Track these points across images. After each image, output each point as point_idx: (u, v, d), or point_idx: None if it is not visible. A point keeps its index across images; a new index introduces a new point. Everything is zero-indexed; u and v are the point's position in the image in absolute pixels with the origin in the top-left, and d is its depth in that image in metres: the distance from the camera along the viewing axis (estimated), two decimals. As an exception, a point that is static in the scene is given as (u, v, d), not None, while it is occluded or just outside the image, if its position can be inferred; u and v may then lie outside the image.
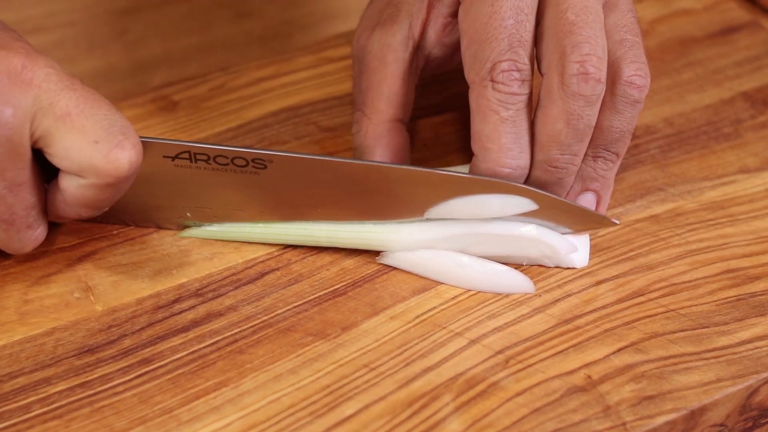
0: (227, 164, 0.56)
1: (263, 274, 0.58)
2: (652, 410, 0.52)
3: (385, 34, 0.61)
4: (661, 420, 0.52)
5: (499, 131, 0.56)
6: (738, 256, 0.60)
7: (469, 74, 0.56)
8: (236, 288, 0.57)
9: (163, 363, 0.53)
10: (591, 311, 0.57)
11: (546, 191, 0.57)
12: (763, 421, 0.56)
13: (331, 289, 0.57)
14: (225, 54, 0.81)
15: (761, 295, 0.58)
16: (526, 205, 0.56)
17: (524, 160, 0.56)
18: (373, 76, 0.61)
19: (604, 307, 0.57)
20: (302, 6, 0.84)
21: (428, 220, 0.57)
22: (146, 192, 0.57)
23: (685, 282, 0.58)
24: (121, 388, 0.52)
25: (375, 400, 0.52)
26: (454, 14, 0.61)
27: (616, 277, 0.59)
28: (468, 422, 0.51)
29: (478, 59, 0.56)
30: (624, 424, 0.52)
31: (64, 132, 0.50)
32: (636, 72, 0.57)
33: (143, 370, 0.53)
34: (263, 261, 0.58)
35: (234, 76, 0.69)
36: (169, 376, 0.52)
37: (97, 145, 0.50)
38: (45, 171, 0.53)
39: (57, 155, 0.51)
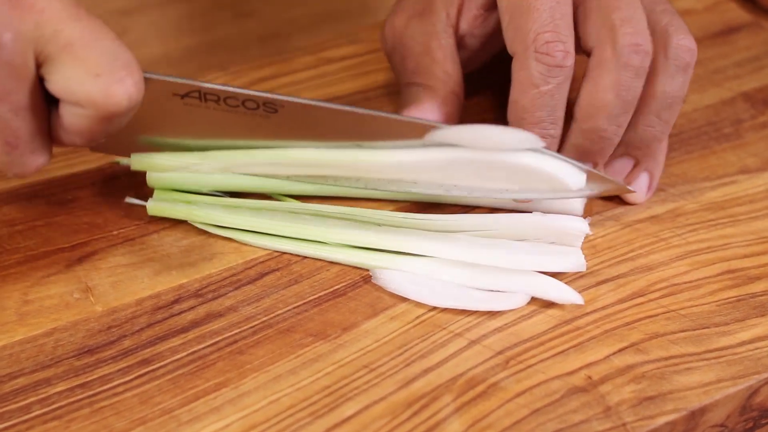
0: (237, 106, 0.56)
1: (263, 275, 0.58)
2: (653, 411, 0.52)
3: (425, 23, 0.63)
4: (661, 420, 0.52)
5: (536, 105, 0.57)
6: (738, 257, 0.60)
7: (513, 45, 0.58)
8: (236, 288, 0.57)
9: (163, 363, 0.53)
10: (591, 311, 0.57)
11: (585, 160, 0.59)
12: (763, 422, 0.56)
13: (331, 289, 0.57)
14: (225, 54, 0.81)
15: (762, 295, 0.58)
16: (534, 141, 0.56)
17: (556, 132, 0.58)
18: (422, 59, 0.62)
19: (604, 307, 0.57)
20: (302, 6, 0.84)
21: (426, 146, 0.57)
22: (151, 126, 0.57)
23: (685, 282, 0.58)
24: (121, 389, 0.52)
25: (375, 400, 0.52)
26: (485, 6, 0.63)
27: (617, 277, 0.59)
28: (468, 423, 0.51)
29: (520, 30, 0.57)
30: (624, 424, 0.52)
31: (65, 62, 0.49)
32: (685, 35, 0.59)
33: (143, 371, 0.53)
34: (263, 261, 0.58)
35: (234, 76, 0.69)
36: (169, 377, 0.52)
37: (97, 79, 0.49)
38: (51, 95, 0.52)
39: (57, 84, 0.50)
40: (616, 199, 0.63)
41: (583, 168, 0.57)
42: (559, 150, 0.59)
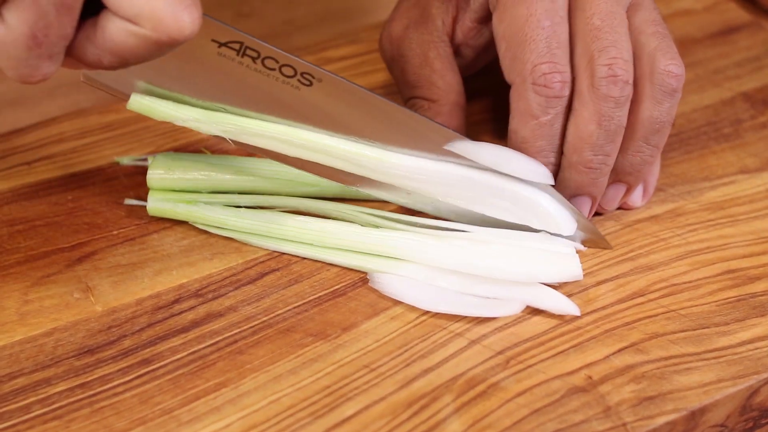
0: (274, 69, 0.54)
1: (263, 275, 0.58)
2: (653, 411, 0.52)
3: (421, 32, 0.63)
4: (661, 420, 0.52)
5: (536, 135, 0.58)
6: (738, 257, 0.60)
7: (510, 75, 0.58)
8: (236, 288, 0.57)
9: (163, 363, 0.53)
10: (591, 312, 0.57)
11: (581, 193, 0.59)
12: (763, 422, 0.56)
13: (332, 289, 0.57)
14: (225, 54, 0.81)
15: (761, 295, 0.58)
16: (545, 176, 0.57)
17: (556, 159, 0.58)
18: (421, 70, 0.63)
19: (604, 307, 0.57)
20: (302, 6, 0.84)
21: (443, 159, 0.57)
22: (173, 69, 0.54)
23: (685, 282, 0.58)
24: (121, 389, 0.52)
25: (375, 400, 0.52)
26: (480, 20, 0.63)
27: (617, 277, 0.59)
28: (468, 423, 0.51)
29: (518, 61, 0.57)
30: (624, 424, 0.52)
31: None
32: (672, 61, 0.58)
33: (143, 371, 0.53)
34: (263, 261, 0.58)
35: (234, 76, 0.69)
36: (169, 377, 0.52)
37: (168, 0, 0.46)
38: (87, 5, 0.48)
39: None
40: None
41: (577, 218, 0.58)
42: (555, 183, 0.59)
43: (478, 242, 0.57)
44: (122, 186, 0.61)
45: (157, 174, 0.59)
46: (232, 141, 0.56)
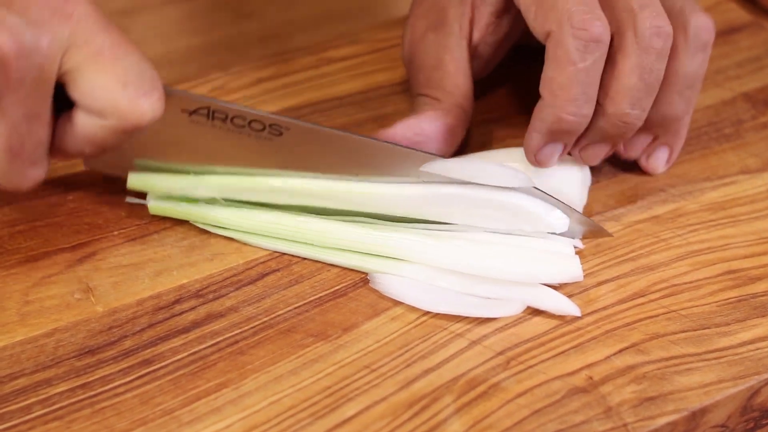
0: (243, 126, 0.57)
1: (264, 275, 0.58)
2: (654, 411, 0.52)
3: (439, 36, 0.63)
4: (662, 421, 0.52)
5: (572, 81, 0.57)
6: (739, 257, 0.60)
7: (545, 25, 0.57)
8: (237, 289, 0.57)
9: (163, 364, 0.53)
10: (592, 312, 0.57)
11: (606, 142, 0.59)
12: (764, 422, 0.56)
13: (332, 290, 0.57)
14: (225, 55, 0.81)
15: (762, 296, 0.58)
16: (523, 179, 0.57)
17: (589, 110, 0.58)
18: (433, 72, 0.63)
19: (605, 308, 0.57)
20: (302, 6, 0.84)
21: (422, 181, 0.58)
22: (151, 145, 0.58)
23: (686, 283, 0.58)
24: (121, 389, 0.52)
25: (376, 401, 0.52)
26: (497, 13, 0.63)
27: (617, 277, 0.59)
28: (469, 423, 0.51)
29: (554, 9, 0.57)
30: (625, 425, 0.52)
31: (94, 70, 0.51)
32: (702, 16, 0.60)
33: (144, 371, 0.53)
34: (264, 262, 0.58)
35: (234, 76, 0.69)
36: (170, 377, 0.52)
37: (125, 89, 0.51)
38: (57, 104, 0.53)
39: (82, 91, 0.51)
40: (616, 199, 0.63)
41: (568, 211, 0.58)
42: (583, 134, 0.59)
43: (479, 243, 0.57)
44: (122, 186, 0.61)
45: (138, 177, 0.60)
46: (224, 200, 0.59)
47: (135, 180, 0.59)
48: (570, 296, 0.57)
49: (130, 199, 0.60)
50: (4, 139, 0.50)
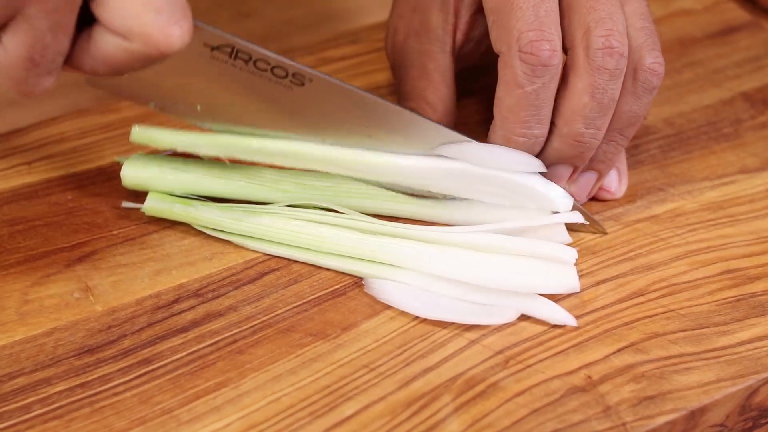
0: (266, 71, 0.55)
1: (263, 275, 0.58)
2: (652, 410, 0.52)
3: (422, 42, 0.63)
4: (661, 420, 0.52)
5: (521, 104, 0.57)
6: (738, 257, 0.60)
7: (497, 44, 0.57)
8: (236, 288, 0.57)
9: (162, 363, 0.53)
10: (591, 311, 0.57)
11: (564, 163, 0.59)
12: (762, 422, 0.56)
13: (331, 289, 0.57)
14: (225, 54, 0.81)
15: (761, 295, 0.58)
16: (536, 165, 0.58)
17: (541, 131, 0.58)
18: (418, 81, 0.62)
19: (604, 307, 0.57)
20: (302, 6, 0.84)
21: (435, 154, 0.58)
22: (169, 72, 0.55)
23: (685, 282, 0.58)
24: (121, 389, 0.52)
25: (375, 400, 0.52)
26: (476, 11, 0.63)
27: (616, 277, 0.59)
28: (468, 422, 0.51)
29: (505, 29, 0.56)
30: (624, 424, 0.52)
31: None
32: (656, 59, 0.58)
33: (143, 371, 0.53)
34: (263, 261, 0.58)
35: (234, 76, 0.69)
36: (169, 377, 0.52)
37: (158, 15, 0.48)
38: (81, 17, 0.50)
39: (111, 10, 0.48)
40: (616, 199, 0.63)
41: (571, 196, 0.59)
42: (541, 153, 0.59)
43: (475, 251, 0.57)
44: (122, 186, 0.61)
45: (132, 172, 0.59)
46: (229, 160, 0.58)
47: (138, 134, 0.58)
48: (569, 295, 0.57)
49: (126, 204, 0.60)
50: (26, 48, 0.48)
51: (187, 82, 0.56)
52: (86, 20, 0.49)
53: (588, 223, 0.60)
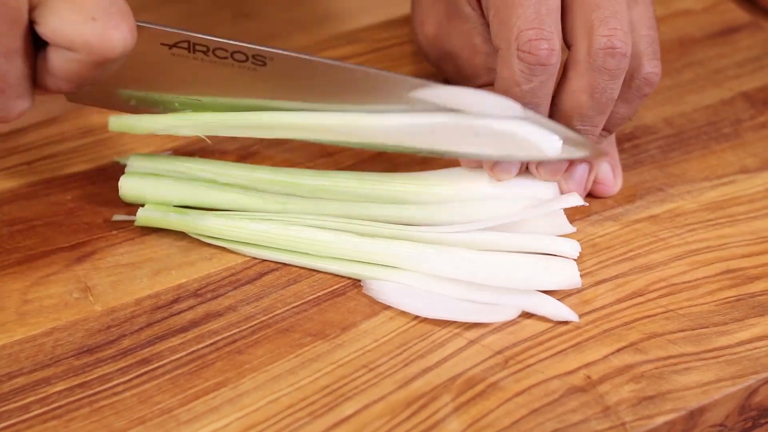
0: (226, 58, 0.56)
1: (262, 275, 0.58)
2: (652, 410, 0.52)
3: (457, 24, 0.62)
4: (660, 420, 0.52)
5: (518, 101, 0.56)
6: (737, 257, 0.60)
7: (497, 40, 0.57)
8: (235, 288, 0.57)
9: (162, 363, 0.53)
10: (590, 311, 0.57)
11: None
12: (762, 422, 0.56)
13: (330, 289, 0.57)
14: (225, 54, 0.81)
15: (760, 295, 0.58)
16: (515, 110, 0.56)
17: None
18: (474, 60, 0.61)
19: (603, 307, 0.57)
20: (302, 6, 0.84)
21: (412, 109, 0.57)
22: (138, 76, 0.57)
23: (684, 282, 0.58)
24: (120, 388, 0.52)
25: (374, 400, 0.52)
26: None
27: (616, 277, 0.59)
28: (467, 422, 0.51)
29: (504, 26, 0.56)
30: (623, 424, 0.52)
31: (61, 6, 0.50)
32: (653, 69, 0.58)
33: (142, 371, 0.53)
34: (262, 261, 0.58)
35: (234, 76, 0.69)
36: (168, 377, 0.52)
37: (94, 23, 0.50)
38: (36, 41, 0.52)
39: (50, 27, 0.50)
40: (614, 199, 0.63)
41: (562, 134, 0.57)
42: None
43: (476, 251, 0.57)
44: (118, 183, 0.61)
45: (130, 186, 0.59)
46: (208, 138, 0.59)
47: (116, 123, 0.59)
48: (568, 296, 0.57)
49: (117, 217, 0.60)
50: None
51: (158, 83, 0.58)
52: (42, 42, 0.52)
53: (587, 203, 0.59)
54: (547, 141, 0.56)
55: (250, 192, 0.59)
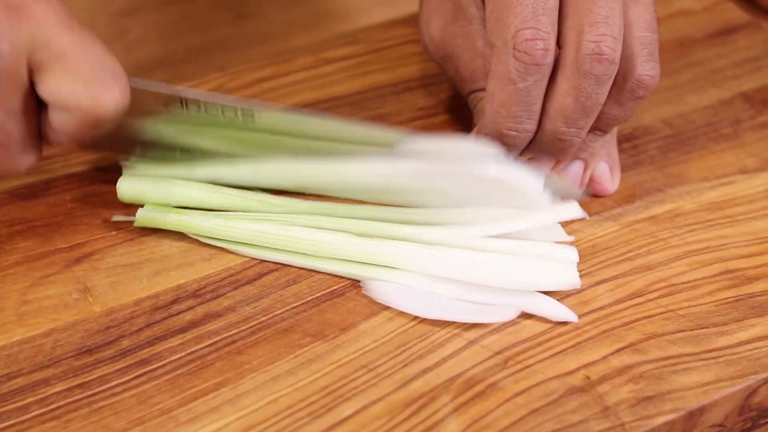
0: (217, 113, 0.58)
1: (261, 275, 0.58)
2: (651, 411, 0.52)
3: (462, 25, 0.62)
4: (659, 421, 0.52)
5: (512, 100, 0.56)
6: (737, 257, 0.60)
7: (492, 38, 0.57)
8: (234, 289, 0.57)
9: (161, 364, 0.53)
10: (590, 312, 0.57)
11: (551, 156, 0.60)
12: (761, 422, 0.56)
13: (330, 289, 0.57)
14: (224, 55, 0.82)
15: (760, 295, 0.58)
16: (496, 152, 0.57)
17: (531, 126, 0.57)
18: (473, 63, 0.62)
19: (602, 307, 0.57)
20: (302, 7, 0.84)
21: (397, 157, 0.58)
22: (138, 129, 0.59)
23: (683, 283, 0.58)
24: (119, 389, 0.52)
25: (373, 400, 0.52)
26: None
27: (615, 277, 0.59)
28: (466, 423, 0.51)
29: (501, 23, 0.56)
30: (623, 424, 0.52)
31: (57, 70, 0.52)
32: (648, 72, 0.58)
33: (141, 371, 0.53)
34: (261, 262, 0.58)
35: (233, 76, 0.69)
36: (168, 377, 0.53)
37: (87, 87, 0.52)
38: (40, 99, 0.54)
39: (48, 90, 0.53)
40: (613, 199, 0.63)
41: (540, 174, 0.58)
42: (529, 146, 0.59)
43: (475, 251, 0.57)
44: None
45: (128, 187, 0.60)
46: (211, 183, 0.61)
47: (126, 187, 0.60)
48: (567, 296, 0.57)
49: (116, 218, 0.60)
50: None
51: (160, 134, 0.60)
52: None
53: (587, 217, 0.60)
54: (529, 182, 0.57)
55: (250, 192, 0.60)
